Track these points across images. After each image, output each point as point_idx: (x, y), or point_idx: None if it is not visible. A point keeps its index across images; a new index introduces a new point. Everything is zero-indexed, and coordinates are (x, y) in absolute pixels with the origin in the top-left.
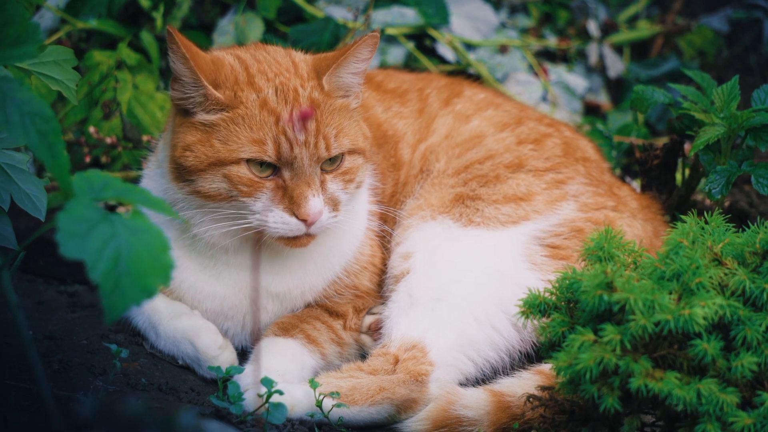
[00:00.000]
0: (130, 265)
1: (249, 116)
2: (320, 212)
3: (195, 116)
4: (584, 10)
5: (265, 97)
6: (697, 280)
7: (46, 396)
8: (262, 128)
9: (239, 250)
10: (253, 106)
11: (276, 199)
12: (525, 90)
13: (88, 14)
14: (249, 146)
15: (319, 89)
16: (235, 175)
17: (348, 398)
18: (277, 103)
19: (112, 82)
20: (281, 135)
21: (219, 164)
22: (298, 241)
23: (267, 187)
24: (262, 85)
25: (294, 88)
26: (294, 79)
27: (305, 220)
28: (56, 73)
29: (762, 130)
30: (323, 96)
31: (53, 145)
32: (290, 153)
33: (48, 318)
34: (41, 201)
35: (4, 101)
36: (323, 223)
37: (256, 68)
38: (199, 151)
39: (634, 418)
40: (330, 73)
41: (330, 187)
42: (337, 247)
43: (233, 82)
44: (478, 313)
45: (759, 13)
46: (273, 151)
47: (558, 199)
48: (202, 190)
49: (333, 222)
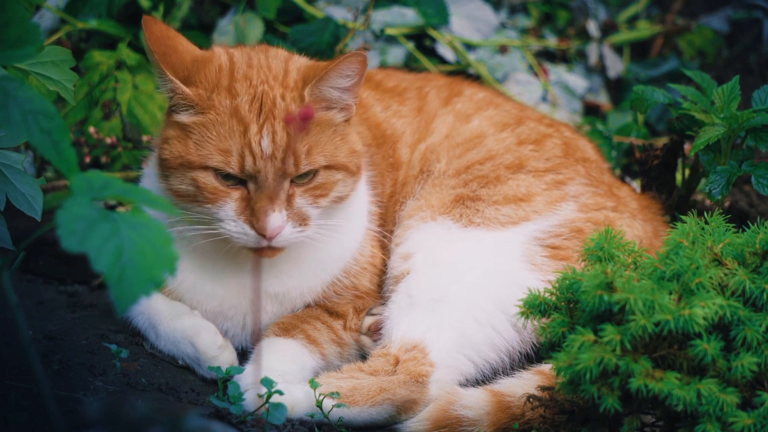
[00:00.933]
0: (133, 258)
1: (219, 123)
2: (280, 227)
3: (176, 114)
4: (584, 10)
5: (237, 104)
6: (697, 281)
7: (46, 396)
8: (229, 138)
9: (236, 251)
10: (224, 113)
11: (239, 210)
12: (525, 90)
13: (88, 14)
14: (215, 155)
15: (298, 101)
16: (201, 180)
17: (348, 399)
18: (247, 113)
19: (112, 82)
20: (246, 147)
21: (188, 166)
22: (262, 252)
23: (231, 196)
24: (241, 92)
25: (273, 98)
26: (278, 88)
27: (263, 234)
28: (54, 73)
29: (762, 131)
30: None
31: (58, 142)
32: (253, 167)
33: (48, 318)
34: (37, 201)
35: (5, 100)
36: (286, 237)
37: (243, 73)
38: (174, 147)
39: (634, 418)
40: (312, 86)
41: (298, 202)
42: (335, 250)
43: (213, 83)
44: (478, 314)
45: (759, 13)
46: (236, 164)
47: (558, 200)
48: (173, 188)
49: (300, 237)
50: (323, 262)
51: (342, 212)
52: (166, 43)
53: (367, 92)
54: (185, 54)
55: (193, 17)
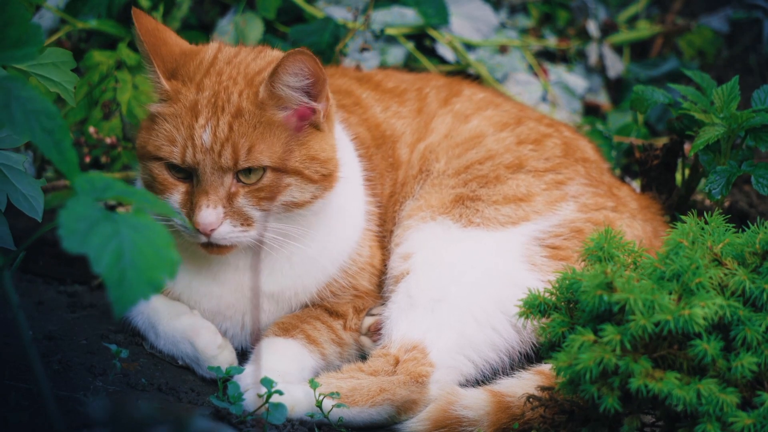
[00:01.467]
0: (134, 259)
1: (176, 115)
2: (212, 223)
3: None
4: (584, 10)
5: (197, 98)
6: (697, 281)
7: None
8: (179, 129)
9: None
10: (183, 106)
11: (182, 202)
12: (525, 90)
13: (88, 14)
14: (165, 145)
15: (252, 98)
16: (155, 171)
17: (348, 399)
18: (204, 107)
19: (112, 82)
20: (189, 139)
21: (146, 157)
22: (210, 249)
23: (178, 189)
24: (206, 87)
25: (229, 95)
26: (241, 85)
27: (197, 228)
28: (54, 75)
29: (762, 131)
30: (252, 106)
31: (60, 142)
32: (193, 158)
33: (48, 318)
34: (38, 201)
35: (8, 100)
36: (224, 235)
37: (218, 68)
38: (141, 138)
39: (634, 418)
40: (265, 84)
41: (239, 202)
42: (328, 249)
43: (189, 77)
44: (478, 314)
45: (759, 13)
46: (179, 155)
47: (558, 200)
48: (142, 179)
49: (243, 237)
50: (316, 261)
51: (310, 218)
52: (156, 35)
53: (367, 93)
54: (174, 47)
55: (193, 17)
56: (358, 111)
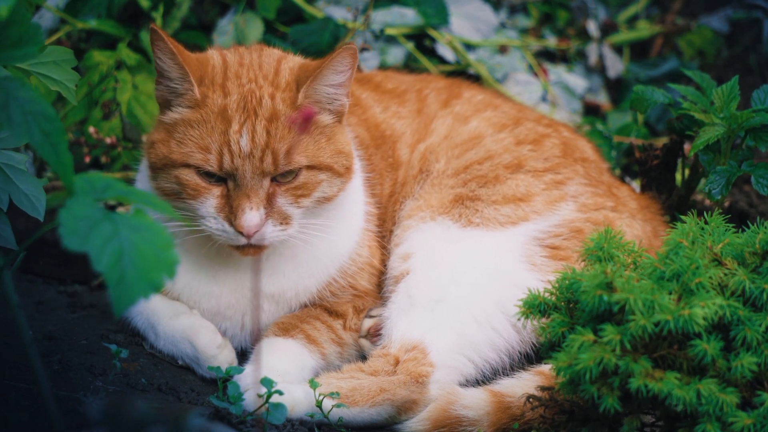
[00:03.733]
0: (134, 259)
1: (205, 121)
2: (257, 225)
3: (165, 114)
4: (584, 10)
5: (226, 103)
6: (696, 281)
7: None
8: (211, 136)
9: (230, 252)
10: (212, 111)
11: (218, 207)
12: (525, 90)
13: (88, 14)
14: (196, 153)
15: (287, 101)
16: (184, 177)
17: (349, 399)
18: (234, 112)
19: (112, 82)
20: (225, 146)
21: (171, 165)
22: (245, 250)
23: (213, 193)
24: (231, 90)
25: (259, 97)
26: (267, 87)
27: (240, 231)
28: (56, 73)
29: (762, 131)
30: (287, 109)
31: (57, 145)
32: (231, 165)
33: (47, 318)
34: (40, 201)
35: (6, 101)
36: (266, 236)
37: (234, 71)
38: (159, 150)
39: (634, 418)
40: (306, 86)
41: (278, 201)
42: (330, 250)
43: (211, 83)
44: (478, 314)
45: (759, 13)
46: (215, 162)
47: (557, 200)
48: (159, 187)
49: (282, 235)
50: (319, 261)
51: (331, 212)
52: (178, 46)
53: (367, 93)
54: (191, 56)
55: (193, 17)
56: (357, 111)
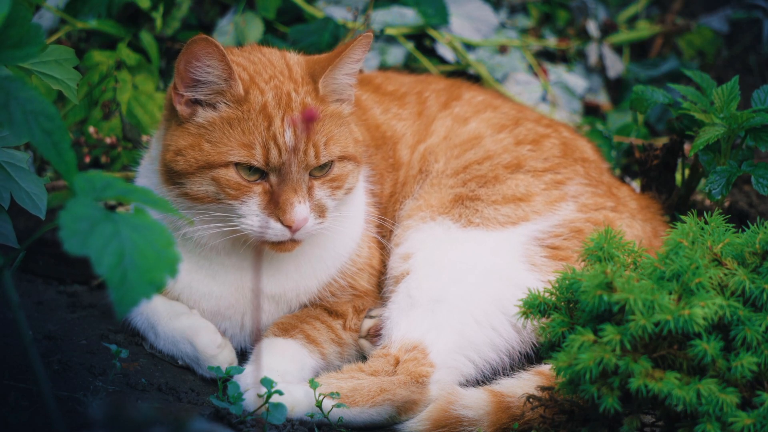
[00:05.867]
0: (135, 260)
1: (244, 119)
2: (305, 219)
3: (191, 120)
4: (584, 10)
5: (265, 100)
6: (696, 281)
7: (46, 396)
8: (254, 132)
9: (233, 251)
10: (254, 108)
11: (262, 204)
12: (524, 90)
13: (88, 14)
14: (238, 150)
15: (313, 94)
16: (223, 178)
17: (349, 399)
18: (273, 108)
19: (112, 82)
20: (271, 140)
21: (208, 167)
22: (283, 246)
23: (254, 191)
24: (264, 88)
25: (287, 93)
26: (288, 83)
27: (290, 226)
28: (57, 72)
29: (762, 131)
30: (316, 101)
31: (58, 143)
32: (278, 159)
33: (47, 318)
34: (41, 200)
35: (7, 100)
36: (308, 229)
37: (253, 69)
38: (189, 155)
39: (634, 418)
40: (326, 76)
41: (317, 194)
42: (333, 249)
43: (248, 81)
44: (478, 315)
45: (759, 13)
46: (261, 157)
47: (557, 200)
48: (190, 192)
49: (319, 228)
50: (322, 261)
51: (348, 205)
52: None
53: (367, 95)
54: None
55: (193, 17)
56: (357, 112)
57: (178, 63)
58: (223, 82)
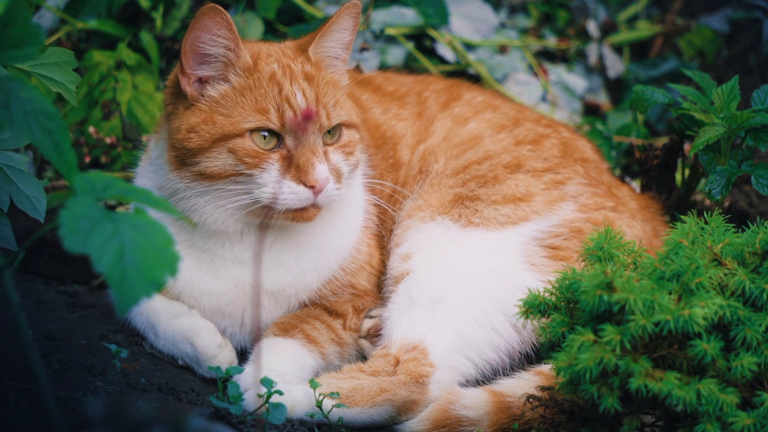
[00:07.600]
0: (135, 258)
1: (256, 86)
2: (327, 179)
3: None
4: (584, 10)
5: (273, 69)
6: (696, 281)
7: (46, 396)
8: (267, 97)
9: (235, 243)
10: (263, 77)
11: (282, 170)
12: (524, 90)
13: (88, 14)
14: (254, 115)
15: (309, 62)
16: (240, 148)
17: (349, 399)
18: (281, 76)
19: (112, 82)
20: (284, 102)
21: (223, 139)
22: (305, 212)
23: (272, 158)
24: (268, 61)
25: (287, 65)
26: (284, 58)
27: (313, 186)
28: (56, 74)
29: (762, 131)
30: (314, 69)
31: (59, 143)
32: (294, 119)
33: (47, 318)
34: (40, 202)
35: (7, 100)
36: (329, 193)
37: (253, 48)
38: (203, 131)
39: (634, 418)
40: (315, 44)
41: (332, 158)
42: (333, 240)
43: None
44: (478, 315)
45: (759, 13)
46: (277, 119)
47: (557, 200)
48: (206, 170)
49: (337, 194)
50: (323, 253)
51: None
52: None
53: (367, 95)
54: None
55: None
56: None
57: (185, 41)
58: (232, 53)
